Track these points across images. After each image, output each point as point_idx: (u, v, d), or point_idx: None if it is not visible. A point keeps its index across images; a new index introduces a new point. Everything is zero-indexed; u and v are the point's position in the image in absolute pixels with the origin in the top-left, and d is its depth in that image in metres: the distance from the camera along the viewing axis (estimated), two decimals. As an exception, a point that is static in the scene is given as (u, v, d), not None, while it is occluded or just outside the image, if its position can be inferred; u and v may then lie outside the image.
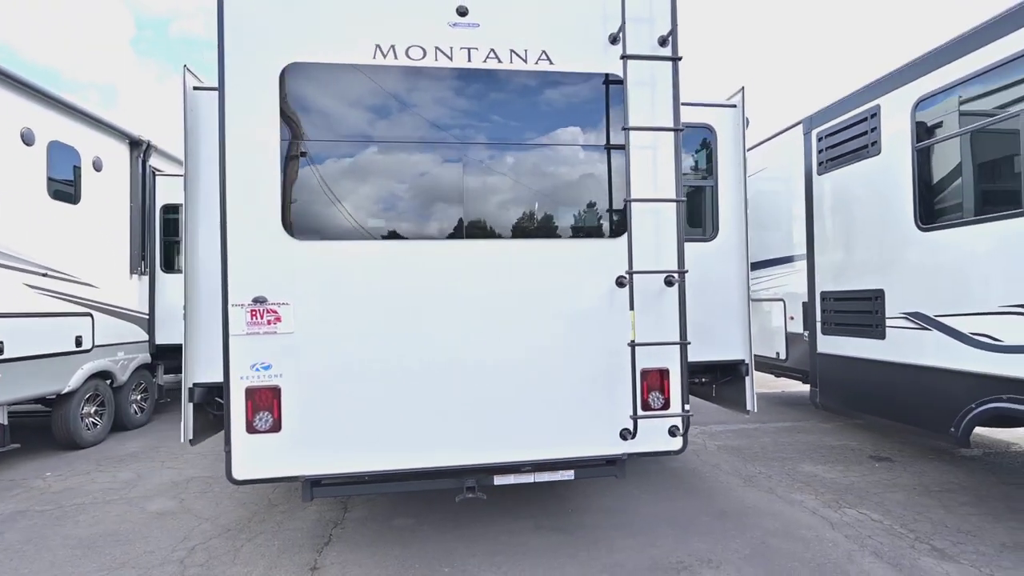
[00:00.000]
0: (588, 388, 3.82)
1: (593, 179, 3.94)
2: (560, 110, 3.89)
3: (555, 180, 3.93)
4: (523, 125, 3.86)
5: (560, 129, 3.92)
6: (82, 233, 7.18)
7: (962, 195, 4.67)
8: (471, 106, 3.80)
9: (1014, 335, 4.09)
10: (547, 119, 3.88)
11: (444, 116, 3.77)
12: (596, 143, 3.95)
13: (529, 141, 3.87)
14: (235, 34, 3.53)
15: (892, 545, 4.11)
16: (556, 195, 3.93)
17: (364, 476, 3.68)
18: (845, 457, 6.27)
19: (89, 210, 7.30)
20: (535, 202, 3.91)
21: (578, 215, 3.98)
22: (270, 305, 3.51)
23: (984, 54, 4.33)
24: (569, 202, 3.97)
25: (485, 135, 3.82)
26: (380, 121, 3.73)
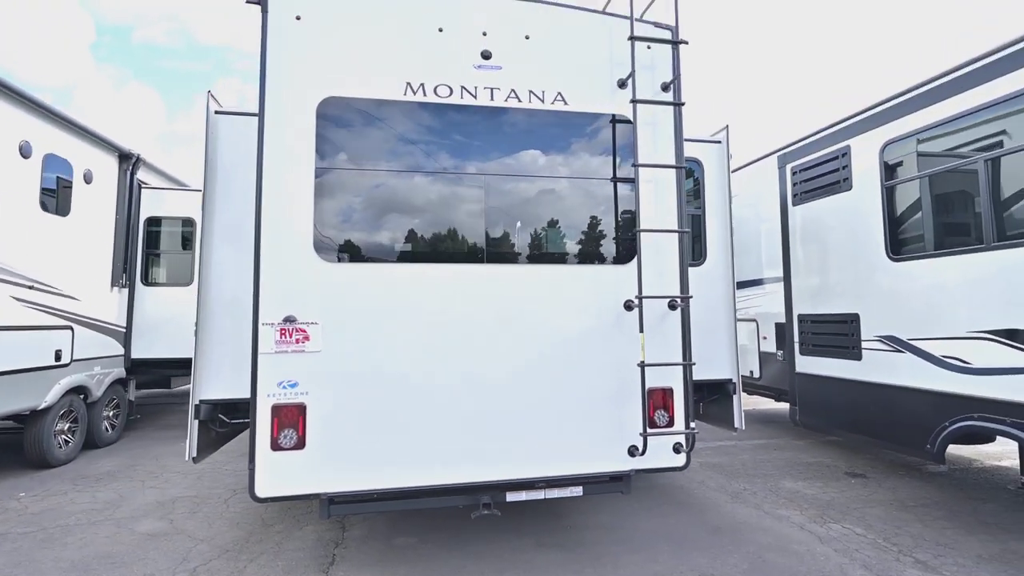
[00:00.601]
0: (597, 406, 3.96)
1: (602, 210, 4.14)
2: (573, 146, 4.11)
3: (567, 210, 4.11)
4: (539, 159, 4.06)
5: (572, 163, 4.13)
6: (69, 245, 7.04)
7: (929, 230, 5.07)
8: (493, 141, 3.98)
9: (982, 358, 4.41)
10: (561, 154, 4.10)
11: (468, 149, 3.94)
12: (605, 177, 4.17)
13: (544, 174, 4.08)
14: (276, 69, 3.67)
15: (879, 558, 4.33)
16: (568, 224, 4.12)
17: (382, 493, 3.72)
18: (822, 474, 6.54)
19: (77, 222, 7.17)
20: (549, 230, 4.07)
21: (588, 243, 4.15)
22: (299, 324, 3.56)
23: (941, 108, 4.82)
24: (580, 231, 4.15)
25: (505, 167, 4.00)
26: (408, 152, 3.87)
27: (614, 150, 4.12)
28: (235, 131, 4.69)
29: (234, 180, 4.66)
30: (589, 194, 4.14)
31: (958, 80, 4.66)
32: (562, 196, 4.10)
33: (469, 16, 3.97)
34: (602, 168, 4.16)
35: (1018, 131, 4.29)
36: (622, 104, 4.08)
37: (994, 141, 4.47)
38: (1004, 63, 4.31)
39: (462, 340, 3.81)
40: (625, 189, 4.12)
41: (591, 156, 4.13)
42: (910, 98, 5.12)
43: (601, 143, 4.13)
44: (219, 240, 4.58)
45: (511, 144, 4.00)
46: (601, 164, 4.16)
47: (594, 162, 4.15)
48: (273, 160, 3.64)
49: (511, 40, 4.00)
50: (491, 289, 3.88)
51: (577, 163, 4.13)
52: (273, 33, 3.68)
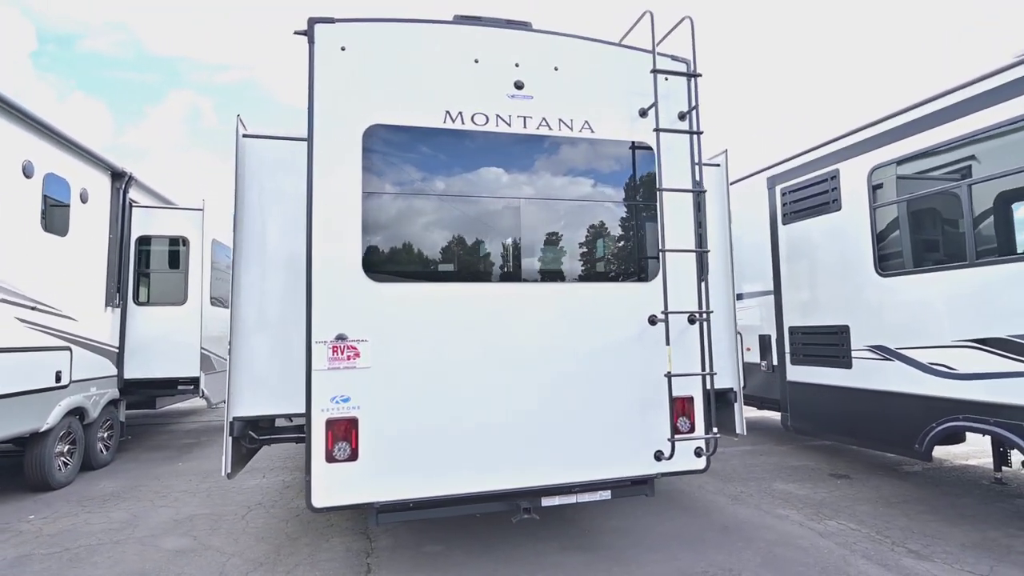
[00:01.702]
0: (625, 415, 4.24)
1: (626, 231, 4.46)
2: (599, 171, 4.43)
3: (595, 232, 4.42)
4: (569, 184, 4.37)
5: (599, 188, 4.44)
6: (68, 265, 7.01)
7: (915, 248, 5.57)
8: (526, 166, 4.26)
9: (966, 365, 4.88)
10: (588, 179, 4.42)
11: (503, 174, 4.22)
12: (629, 200, 4.50)
13: (573, 198, 4.38)
14: (323, 98, 3.88)
15: (875, 549, 4.70)
16: (596, 245, 4.41)
17: (429, 501, 3.91)
18: (809, 476, 6.95)
19: (75, 242, 7.14)
20: (578, 250, 4.36)
21: (614, 262, 4.46)
22: (350, 342, 3.74)
23: (924, 137, 5.33)
24: (606, 251, 4.46)
25: (538, 192, 4.29)
26: (448, 177, 4.12)
27: (635, 174, 4.45)
28: (263, 154, 4.87)
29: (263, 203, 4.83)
30: (614, 216, 4.46)
31: (938, 113, 5.16)
32: (589, 219, 4.40)
33: (503, 48, 4.25)
34: (626, 192, 4.49)
35: (996, 160, 4.80)
36: (643, 132, 4.42)
37: (974, 168, 4.97)
38: (980, 99, 4.82)
39: (501, 354, 4.05)
40: (647, 211, 4.45)
41: (616, 181, 4.45)
42: (895, 127, 5.60)
43: (625, 169, 4.45)
44: (249, 262, 4.73)
45: (543, 169, 4.29)
46: (625, 188, 4.48)
47: (619, 186, 4.47)
48: (322, 185, 3.83)
49: (542, 71, 4.30)
50: (526, 306, 4.14)
51: (603, 187, 4.45)
52: (320, 63, 3.89)
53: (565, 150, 4.32)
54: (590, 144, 4.36)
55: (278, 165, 5.03)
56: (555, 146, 4.30)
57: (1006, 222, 4.89)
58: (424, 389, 3.91)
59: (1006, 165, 4.72)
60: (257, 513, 5.88)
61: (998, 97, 4.68)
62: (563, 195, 4.35)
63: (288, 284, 4.92)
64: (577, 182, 4.37)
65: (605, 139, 4.39)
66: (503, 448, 4.02)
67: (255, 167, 4.82)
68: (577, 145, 4.33)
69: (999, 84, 4.69)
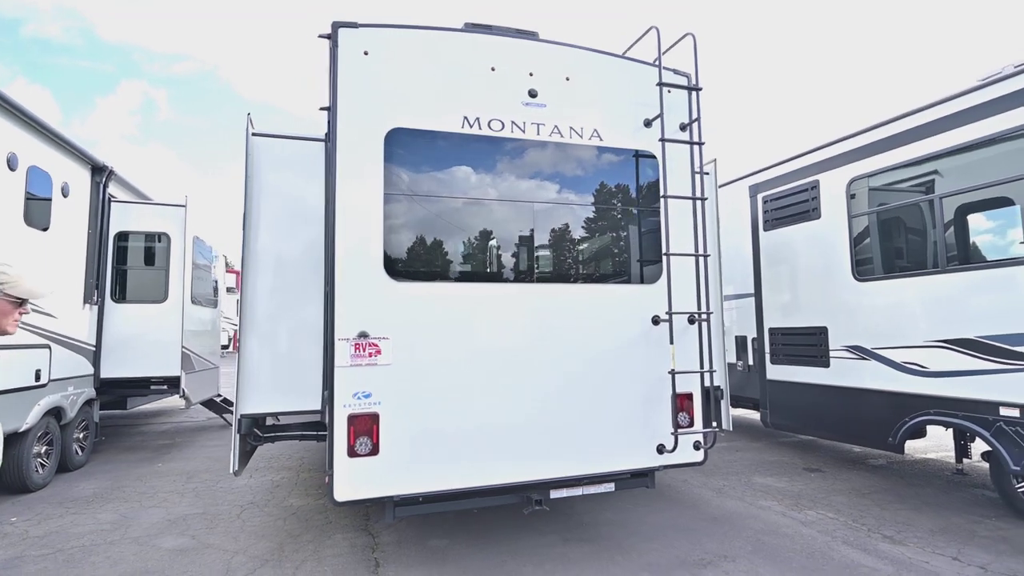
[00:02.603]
0: (629, 409, 4.44)
1: (632, 235, 4.67)
2: (607, 178, 4.63)
3: (603, 235, 4.62)
4: (579, 189, 4.56)
5: (607, 193, 4.65)
6: (48, 260, 6.84)
7: (891, 255, 5.99)
8: (539, 171, 4.43)
9: (937, 363, 5.27)
10: (597, 184, 4.62)
11: (517, 179, 4.38)
12: (634, 205, 4.71)
13: (584, 202, 4.58)
14: (347, 101, 3.96)
15: (854, 536, 5.02)
16: (604, 247, 4.62)
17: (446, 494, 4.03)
18: (785, 470, 7.30)
19: (56, 237, 6.97)
20: (588, 253, 4.55)
21: (621, 265, 4.66)
22: (372, 339, 3.83)
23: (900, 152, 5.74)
24: (614, 254, 4.66)
25: (550, 196, 4.46)
26: (465, 180, 4.26)
27: (639, 182, 4.66)
28: (272, 153, 4.92)
29: (273, 202, 4.88)
30: (621, 221, 4.67)
31: (909, 131, 5.57)
32: (598, 222, 4.60)
33: (518, 57, 4.41)
34: (631, 198, 4.70)
35: (962, 176, 5.21)
36: (648, 141, 4.64)
37: (943, 182, 5.38)
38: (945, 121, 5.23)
39: (514, 352, 4.20)
40: (652, 217, 4.67)
41: (623, 187, 4.66)
42: (871, 142, 6.00)
43: (631, 176, 4.66)
44: (259, 262, 4.78)
45: (555, 175, 4.47)
46: (631, 195, 4.70)
47: (624, 193, 4.68)
48: (345, 186, 3.92)
49: (554, 80, 4.47)
50: (539, 305, 4.30)
51: (610, 193, 4.65)
52: (343, 67, 3.97)
53: (575, 157, 4.50)
54: (598, 152, 4.55)
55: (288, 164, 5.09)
56: (566, 153, 4.48)
57: (973, 233, 5.29)
58: (441, 385, 4.03)
59: (971, 181, 5.13)
60: (251, 512, 5.87)
61: (961, 120, 5.09)
62: (573, 200, 4.53)
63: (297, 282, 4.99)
64: (586, 188, 4.56)
65: (612, 147, 4.59)
66: (515, 442, 4.16)
67: (266, 166, 4.88)
68: (586, 152, 4.52)
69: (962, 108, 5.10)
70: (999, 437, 4.84)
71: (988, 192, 5.08)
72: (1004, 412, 4.77)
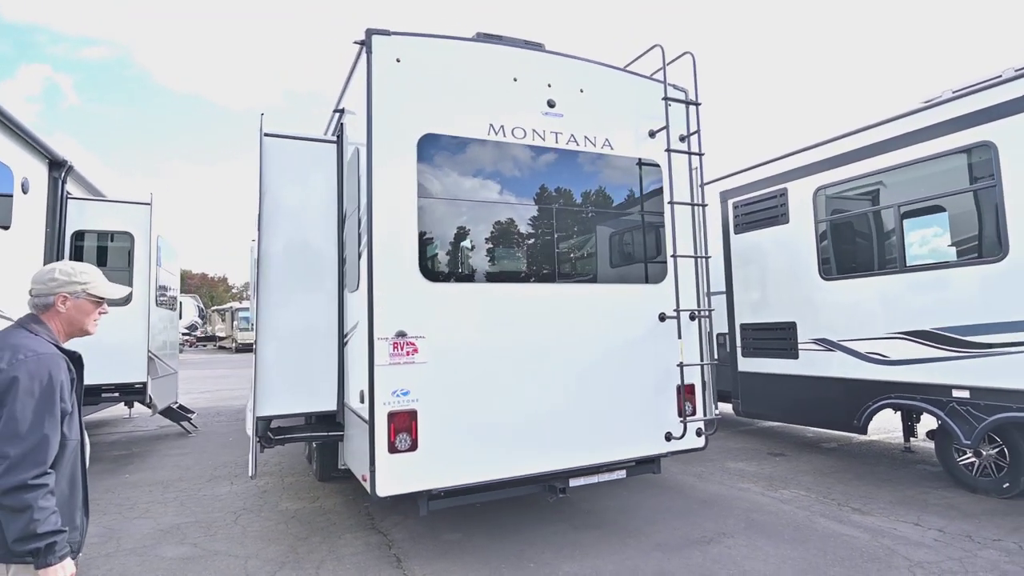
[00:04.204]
0: (639, 400, 4.76)
1: (642, 239, 5.00)
2: (617, 185, 4.98)
3: (616, 238, 4.95)
4: (593, 195, 4.89)
5: (618, 199, 4.99)
6: (9, 261, 6.48)
7: (854, 257, 6.67)
8: (558, 177, 4.69)
9: (896, 352, 5.93)
10: (609, 191, 4.97)
11: (539, 184, 4.64)
12: (641, 210, 5.07)
13: (597, 207, 4.93)
14: (381, 107, 4.08)
15: (828, 510, 5.53)
16: (618, 250, 4.92)
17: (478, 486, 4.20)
18: (752, 455, 7.84)
19: (17, 236, 6.60)
20: (602, 254, 4.84)
21: (633, 266, 5.00)
22: (409, 339, 3.95)
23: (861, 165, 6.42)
24: (626, 256, 4.99)
25: (568, 200, 4.76)
26: (492, 185, 4.47)
27: (645, 188, 5.01)
28: (284, 154, 4.94)
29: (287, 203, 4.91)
30: (629, 225, 4.99)
31: (869, 147, 6.23)
32: (611, 226, 4.91)
33: (537, 69, 4.65)
34: (639, 203, 5.05)
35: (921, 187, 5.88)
36: (652, 151, 4.99)
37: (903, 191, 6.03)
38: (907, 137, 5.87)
39: (538, 348, 4.43)
40: (657, 221, 5.02)
41: (630, 193, 4.98)
42: (836, 155, 6.62)
43: (639, 183, 5.00)
44: (272, 264, 4.82)
45: (572, 181, 4.74)
46: (638, 200, 5.04)
47: (633, 198, 5.00)
48: (381, 190, 4.03)
49: (569, 92, 4.73)
50: (559, 305, 4.56)
51: (620, 199, 4.97)
52: (377, 73, 4.08)
53: (590, 164, 4.80)
54: (609, 160, 4.86)
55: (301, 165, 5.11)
56: (582, 160, 4.76)
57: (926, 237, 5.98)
58: (473, 381, 4.20)
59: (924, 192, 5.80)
60: (248, 518, 5.80)
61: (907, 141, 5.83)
62: (590, 205, 4.83)
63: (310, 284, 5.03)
64: (600, 193, 4.87)
65: (621, 156, 4.91)
66: (539, 434, 4.39)
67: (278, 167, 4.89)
68: (599, 160, 4.83)
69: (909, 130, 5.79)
70: (952, 416, 5.50)
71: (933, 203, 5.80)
72: (956, 394, 5.43)
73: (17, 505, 1.85)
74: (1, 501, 1.85)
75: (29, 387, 1.95)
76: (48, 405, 1.98)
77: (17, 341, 2.05)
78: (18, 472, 1.86)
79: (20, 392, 1.92)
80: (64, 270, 2.22)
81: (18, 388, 1.93)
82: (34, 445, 1.91)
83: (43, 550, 1.89)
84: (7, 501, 1.85)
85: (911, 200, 5.94)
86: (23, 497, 1.86)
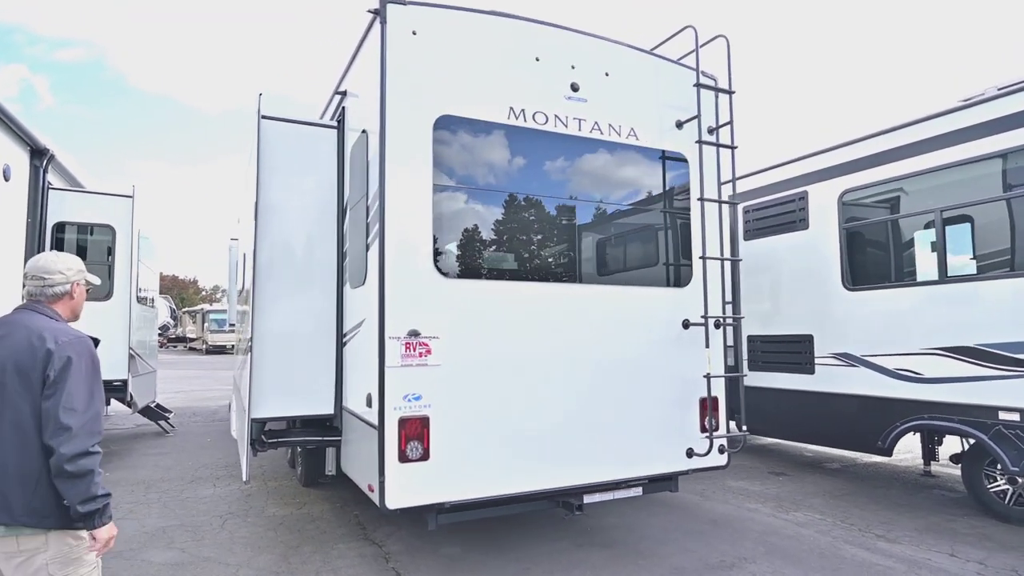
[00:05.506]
0: (659, 413, 4.44)
1: (666, 238, 4.70)
2: (642, 178, 4.64)
3: (640, 237, 4.63)
4: (617, 188, 4.57)
5: (643, 194, 4.67)
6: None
7: (887, 266, 6.26)
8: (581, 168, 4.37)
9: (930, 370, 5.57)
10: (633, 185, 4.62)
11: (561, 175, 4.32)
12: (668, 208, 4.75)
13: (621, 202, 4.61)
14: (395, 83, 3.77)
15: (851, 535, 5.23)
16: (642, 250, 4.62)
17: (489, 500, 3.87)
18: (753, 474, 7.55)
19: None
20: (624, 254, 4.53)
21: (655, 267, 4.67)
22: (422, 339, 3.64)
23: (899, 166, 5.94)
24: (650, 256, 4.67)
25: (591, 194, 4.43)
26: (512, 174, 4.14)
27: (672, 184, 4.69)
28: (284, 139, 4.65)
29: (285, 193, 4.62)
30: (654, 223, 4.68)
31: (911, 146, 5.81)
32: (635, 224, 4.60)
33: (561, 48, 4.31)
34: (666, 200, 4.72)
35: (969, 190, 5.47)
36: (679, 143, 4.66)
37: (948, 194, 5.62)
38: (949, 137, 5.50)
39: (558, 353, 4.10)
40: (683, 219, 4.71)
41: (658, 189, 4.67)
42: (868, 156, 6.21)
43: (666, 178, 4.67)
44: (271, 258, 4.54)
45: (596, 173, 4.42)
46: (666, 196, 4.71)
47: (661, 194, 4.68)
48: (394, 176, 3.70)
49: (594, 75, 4.39)
50: (580, 307, 4.22)
51: (646, 194, 4.65)
52: (392, 46, 3.75)
53: (614, 155, 4.46)
54: (635, 151, 4.52)
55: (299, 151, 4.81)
56: (606, 151, 4.42)
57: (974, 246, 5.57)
58: (487, 388, 3.88)
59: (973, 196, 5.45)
60: (235, 523, 5.44)
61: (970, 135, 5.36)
62: (613, 200, 4.51)
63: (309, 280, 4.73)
64: (624, 188, 4.54)
65: (647, 147, 4.57)
66: (556, 446, 4.07)
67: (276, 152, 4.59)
68: (624, 152, 4.48)
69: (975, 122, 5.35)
70: (998, 440, 5.11)
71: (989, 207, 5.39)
72: (1004, 416, 5.07)
73: (80, 471, 2.06)
74: (67, 467, 2.04)
75: (80, 366, 2.15)
76: (96, 382, 2.23)
77: (48, 324, 2.24)
78: (80, 441, 2.07)
79: (75, 370, 2.12)
80: (73, 259, 2.44)
81: (73, 367, 2.12)
82: (91, 417, 2.13)
83: (99, 512, 2.14)
84: (72, 467, 2.04)
85: (956, 205, 5.57)
86: (85, 463, 2.08)
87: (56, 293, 2.34)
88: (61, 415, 2.05)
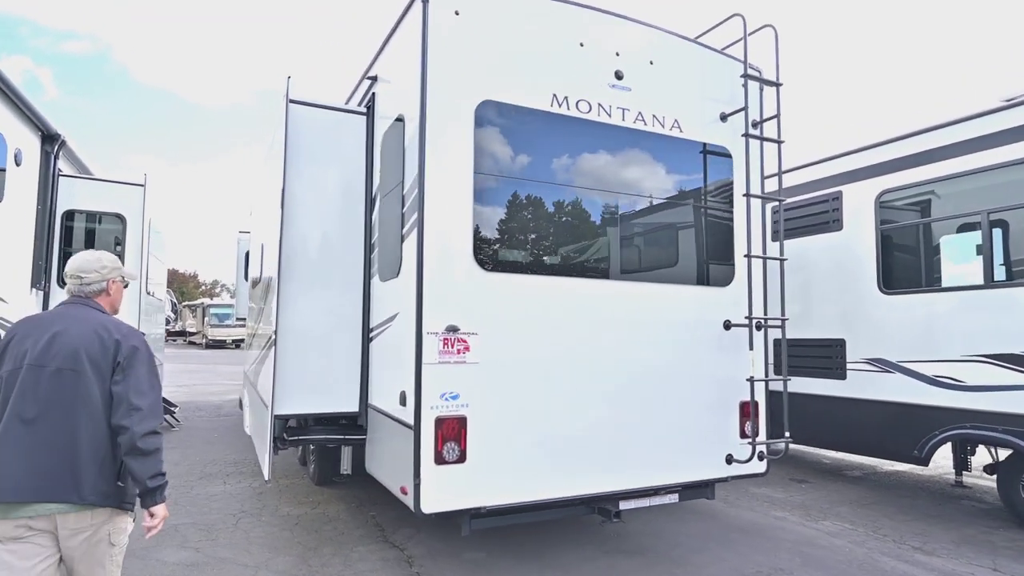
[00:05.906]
0: (697, 417, 4.26)
1: (709, 235, 4.51)
2: (686, 172, 4.45)
3: (683, 233, 4.44)
4: (660, 183, 4.34)
5: (685, 189, 4.47)
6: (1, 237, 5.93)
7: (927, 269, 6.05)
8: (624, 161, 4.19)
9: (974, 377, 5.37)
10: (677, 179, 4.42)
11: (604, 167, 4.12)
12: (711, 204, 4.55)
13: (666, 197, 4.39)
14: (436, 66, 3.60)
15: (887, 547, 5.05)
16: (685, 247, 4.44)
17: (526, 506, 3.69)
18: (774, 481, 7.36)
19: (8, 211, 6.05)
20: (669, 251, 4.36)
21: (699, 265, 4.49)
22: (460, 335, 3.46)
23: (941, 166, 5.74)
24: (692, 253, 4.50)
25: (634, 188, 4.23)
26: (554, 164, 3.95)
27: (716, 179, 4.51)
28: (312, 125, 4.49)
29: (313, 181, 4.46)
30: (697, 219, 4.50)
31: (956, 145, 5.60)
32: (678, 220, 4.42)
33: (605, 34, 4.14)
34: (710, 195, 4.55)
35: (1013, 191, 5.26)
36: (722, 136, 4.48)
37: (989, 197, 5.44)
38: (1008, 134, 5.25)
39: (599, 352, 3.93)
40: (726, 216, 4.53)
41: (701, 183, 4.48)
42: (909, 155, 6.00)
43: (709, 172, 4.49)
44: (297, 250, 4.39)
45: (639, 166, 4.23)
46: (710, 191, 4.54)
47: (705, 189, 4.51)
48: (434, 163, 3.53)
49: (638, 63, 4.22)
50: (620, 305, 4.04)
51: (690, 189, 4.47)
52: (433, 26, 3.57)
53: (657, 147, 4.27)
54: (678, 144, 4.34)
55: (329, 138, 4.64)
56: (649, 142, 4.24)
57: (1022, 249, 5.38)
58: (526, 388, 3.71)
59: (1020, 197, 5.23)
60: (249, 522, 5.26)
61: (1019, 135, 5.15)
62: (657, 194, 4.31)
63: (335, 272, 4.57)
64: (667, 182, 4.35)
65: (691, 140, 4.40)
66: (595, 449, 3.89)
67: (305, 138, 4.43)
68: (668, 144, 4.30)
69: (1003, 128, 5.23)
70: None
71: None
72: None
73: (150, 448, 2.23)
74: (139, 445, 2.20)
75: (144, 354, 2.36)
76: (155, 369, 2.41)
77: (105, 317, 2.43)
78: (150, 421, 2.26)
79: (140, 358, 2.32)
80: (109, 258, 2.58)
81: (139, 355, 2.33)
82: (155, 400, 2.32)
83: (161, 488, 2.31)
84: (144, 444, 2.21)
85: (1005, 207, 5.35)
86: (154, 440, 2.25)
87: (94, 291, 2.49)
88: (132, 397, 2.23)
